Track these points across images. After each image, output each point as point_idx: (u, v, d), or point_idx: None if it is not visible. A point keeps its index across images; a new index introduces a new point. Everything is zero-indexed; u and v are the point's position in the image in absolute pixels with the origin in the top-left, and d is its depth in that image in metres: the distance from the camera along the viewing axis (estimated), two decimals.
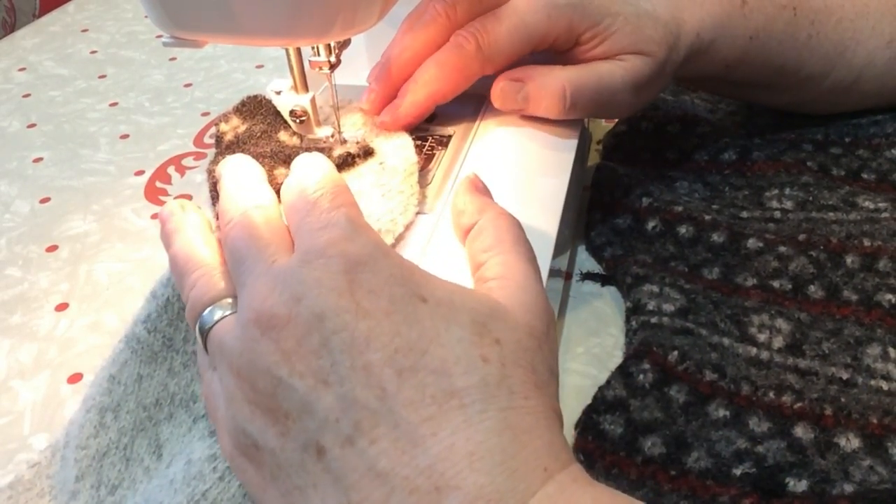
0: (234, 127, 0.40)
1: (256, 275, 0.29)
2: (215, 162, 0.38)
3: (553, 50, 0.45)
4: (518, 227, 0.33)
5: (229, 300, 0.31)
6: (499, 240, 0.32)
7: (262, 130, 0.40)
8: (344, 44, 0.40)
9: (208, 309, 0.30)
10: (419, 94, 0.42)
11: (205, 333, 0.30)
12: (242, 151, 0.38)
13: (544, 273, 0.34)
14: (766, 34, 0.48)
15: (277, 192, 0.34)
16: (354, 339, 0.26)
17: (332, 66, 0.39)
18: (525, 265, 0.31)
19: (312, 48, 0.39)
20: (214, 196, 0.36)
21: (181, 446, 0.33)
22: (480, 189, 0.36)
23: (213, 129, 0.42)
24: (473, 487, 0.24)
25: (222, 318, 0.30)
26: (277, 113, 0.41)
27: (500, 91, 0.44)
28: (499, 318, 0.28)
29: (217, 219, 0.34)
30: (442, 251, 0.36)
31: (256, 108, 0.41)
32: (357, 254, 0.28)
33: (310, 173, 0.32)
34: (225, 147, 0.39)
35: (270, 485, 0.27)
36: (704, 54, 0.47)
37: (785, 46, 0.49)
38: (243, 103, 0.41)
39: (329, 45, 0.39)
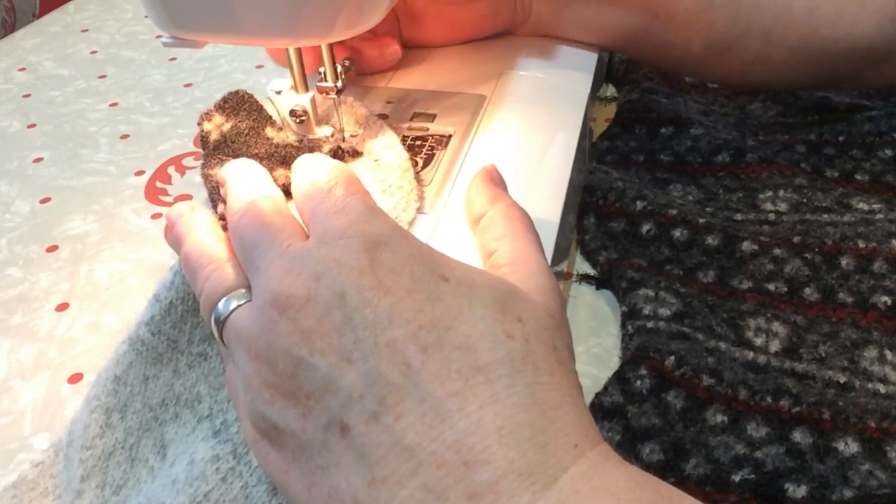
0: (219, 125, 0.40)
1: (270, 259, 0.29)
2: (208, 165, 0.38)
3: None
4: (528, 219, 0.33)
5: (243, 290, 0.30)
6: (510, 228, 0.32)
7: (248, 127, 0.39)
8: (350, 66, 0.40)
9: (223, 300, 0.30)
10: None
11: (221, 324, 0.30)
12: (234, 151, 0.38)
13: None
14: None
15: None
16: (377, 316, 0.26)
17: (339, 91, 0.39)
18: (537, 252, 0.31)
19: (319, 73, 0.39)
20: (215, 199, 0.36)
21: (185, 446, 0.33)
22: (496, 180, 0.36)
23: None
24: (503, 462, 0.24)
25: (237, 307, 0.30)
26: (261, 108, 0.41)
27: None
28: (518, 297, 0.28)
29: (221, 220, 0.35)
30: (443, 251, 0.36)
31: (239, 105, 0.40)
32: (376, 234, 0.28)
33: (319, 167, 0.32)
34: (213, 147, 0.39)
35: (293, 467, 0.27)
36: None
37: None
38: (225, 100, 0.40)
39: (336, 69, 0.39)
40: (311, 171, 0.32)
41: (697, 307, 0.42)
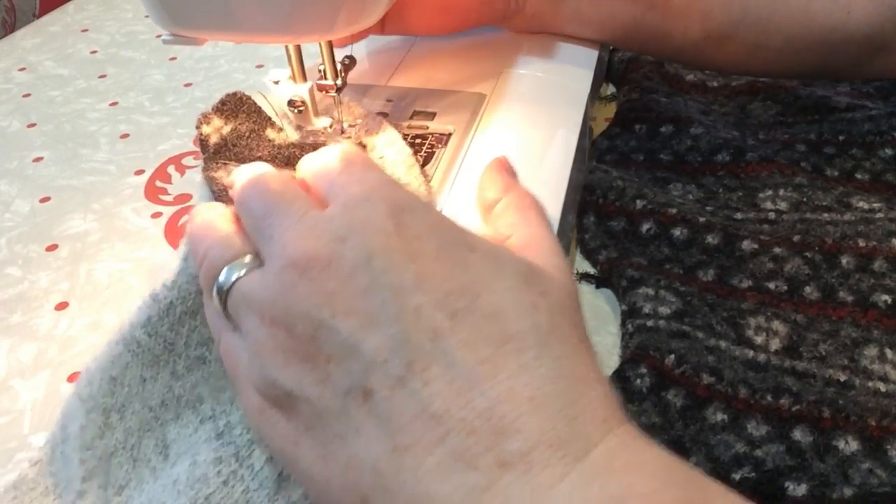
0: (218, 128, 0.39)
1: (286, 226, 0.28)
2: (209, 168, 0.38)
3: None
4: (541, 207, 0.33)
5: (247, 258, 0.29)
6: (523, 216, 0.32)
7: (249, 130, 0.39)
8: (350, 65, 0.40)
9: (226, 268, 0.29)
10: None
11: (224, 293, 0.29)
12: (236, 154, 0.37)
13: None
14: None
15: None
16: (404, 280, 0.25)
17: (339, 89, 0.39)
18: (551, 237, 0.31)
19: (319, 71, 0.39)
20: (224, 201, 0.36)
21: (187, 446, 0.33)
22: (508, 170, 0.36)
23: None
24: (536, 432, 0.23)
25: (245, 274, 0.29)
26: (260, 110, 0.41)
27: None
28: (540, 273, 0.28)
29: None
30: None
31: (238, 107, 0.40)
32: (401, 200, 0.27)
33: (330, 150, 0.32)
34: (214, 151, 0.39)
35: (305, 437, 0.26)
36: None
37: None
38: (223, 102, 0.40)
39: (336, 67, 0.39)
40: (322, 154, 0.32)
41: (697, 306, 0.42)
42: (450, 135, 0.44)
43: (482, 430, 0.23)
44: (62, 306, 0.49)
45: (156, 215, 0.56)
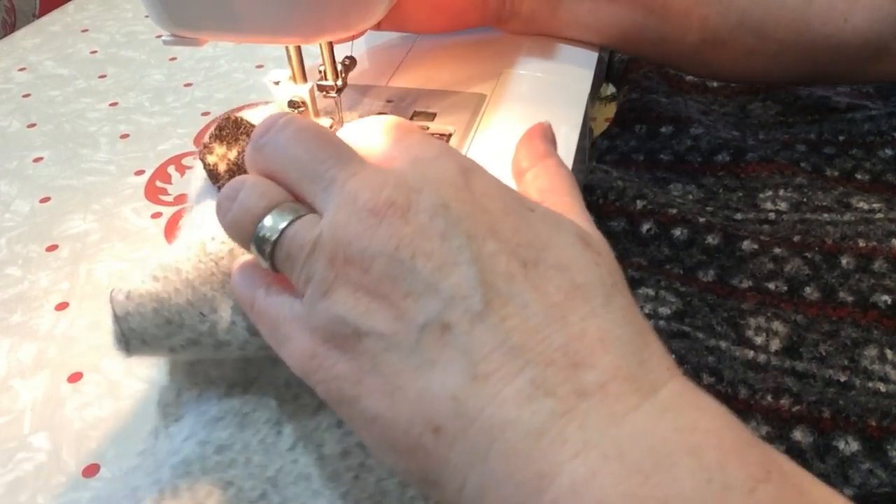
0: (222, 155, 0.39)
1: (351, 172, 0.28)
2: (208, 151, 0.38)
3: None
4: (574, 180, 0.34)
5: (289, 205, 0.29)
6: (558, 184, 0.33)
7: None
8: (351, 65, 0.40)
9: (271, 215, 0.29)
10: None
11: (269, 241, 0.28)
12: None
13: None
14: None
15: None
16: (478, 229, 0.26)
17: (339, 90, 0.39)
18: (582, 206, 0.32)
19: (319, 71, 0.39)
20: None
21: (306, 431, 0.33)
22: (548, 137, 0.37)
23: (209, 130, 0.41)
24: (610, 367, 0.24)
25: (294, 220, 0.28)
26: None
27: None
28: (592, 236, 0.29)
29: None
30: None
31: (236, 130, 0.40)
32: (466, 161, 0.29)
33: (379, 119, 0.32)
34: (228, 178, 0.38)
35: (370, 374, 0.26)
36: None
37: None
38: (220, 128, 0.40)
39: (336, 67, 0.39)
40: (368, 123, 0.32)
41: (697, 306, 0.42)
42: (450, 135, 0.44)
43: (560, 362, 0.24)
44: (62, 306, 0.49)
45: (156, 215, 0.56)
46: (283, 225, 0.28)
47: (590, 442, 0.23)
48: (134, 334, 0.33)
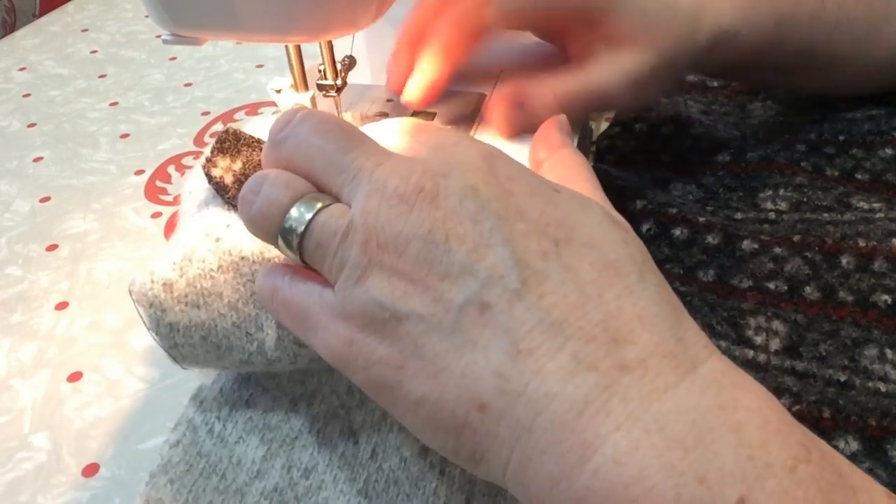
0: (227, 167, 0.39)
1: (377, 161, 0.28)
2: (212, 163, 0.38)
3: (553, 35, 0.45)
4: (590, 167, 0.34)
5: (313, 195, 0.29)
6: (575, 174, 0.33)
7: (260, 160, 0.39)
8: (350, 65, 0.40)
9: (297, 206, 0.29)
10: (433, 59, 0.42)
11: (296, 233, 0.28)
12: None
13: None
14: (792, 20, 0.47)
15: None
16: (508, 210, 0.26)
17: (339, 89, 0.39)
18: (601, 193, 0.32)
19: (319, 71, 0.39)
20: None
21: (381, 436, 0.33)
22: (564, 129, 0.37)
23: (210, 132, 0.41)
24: (649, 344, 0.24)
25: (321, 209, 0.28)
26: (259, 140, 0.40)
27: (497, 117, 0.43)
28: (617, 216, 0.29)
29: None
30: None
31: (236, 141, 0.40)
32: (487, 146, 0.29)
33: (395, 119, 0.32)
34: (237, 188, 0.38)
35: (412, 358, 0.26)
36: (729, 43, 0.46)
37: (814, 30, 0.48)
38: (221, 140, 0.40)
39: (336, 67, 0.39)
40: (384, 123, 0.32)
41: (697, 306, 0.42)
42: None
43: (600, 338, 0.24)
44: (62, 306, 0.49)
45: (156, 215, 0.56)
46: (310, 215, 0.28)
47: (633, 415, 0.23)
48: (186, 361, 0.34)
